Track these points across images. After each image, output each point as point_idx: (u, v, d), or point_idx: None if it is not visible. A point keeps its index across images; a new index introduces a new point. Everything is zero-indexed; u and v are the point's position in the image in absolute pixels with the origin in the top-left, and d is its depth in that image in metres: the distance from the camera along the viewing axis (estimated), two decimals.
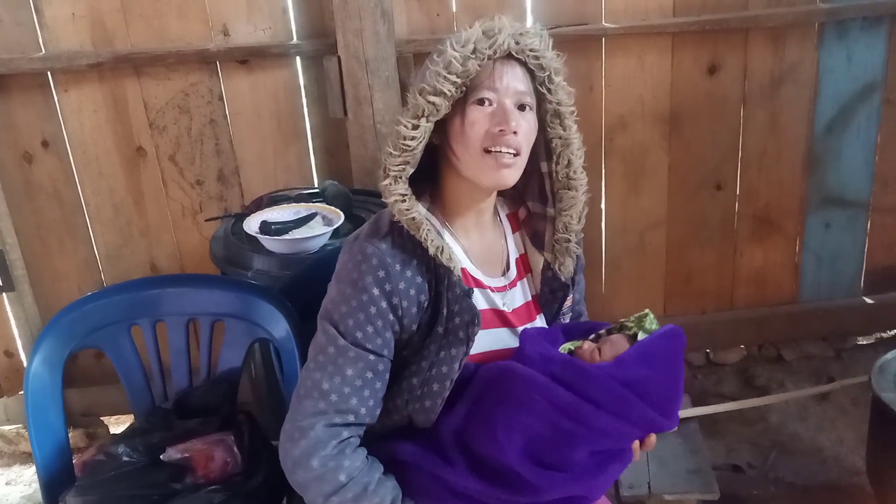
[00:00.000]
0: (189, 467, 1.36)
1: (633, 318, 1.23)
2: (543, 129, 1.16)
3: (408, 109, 1.10)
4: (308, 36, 2.22)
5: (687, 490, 1.94)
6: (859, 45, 2.38)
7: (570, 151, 1.17)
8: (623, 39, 2.30)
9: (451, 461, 1.14)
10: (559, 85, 1.13)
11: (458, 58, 1.07)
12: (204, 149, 2.28)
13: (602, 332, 1.24)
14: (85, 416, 2.46)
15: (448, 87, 1.07)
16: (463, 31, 1.09)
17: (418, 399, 1.14)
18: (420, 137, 1.09)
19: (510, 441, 1.10)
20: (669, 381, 1.16)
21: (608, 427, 1.10)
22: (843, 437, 2.33)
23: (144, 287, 1.55)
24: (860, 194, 2.56)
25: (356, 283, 1.11)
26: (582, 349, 1.19)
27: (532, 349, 1.15)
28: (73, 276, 2.37)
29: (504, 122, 1.09)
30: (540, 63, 1.11)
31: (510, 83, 1.10)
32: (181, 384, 1.55)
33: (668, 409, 1.14)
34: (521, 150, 1.11)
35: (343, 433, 1.12)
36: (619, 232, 2.52)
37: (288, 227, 1.82)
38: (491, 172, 1.11)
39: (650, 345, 1.16)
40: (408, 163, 1.10)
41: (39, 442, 1.44)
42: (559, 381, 1.10)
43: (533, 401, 1.10)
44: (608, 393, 1.10)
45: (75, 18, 2.12)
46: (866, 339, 2.77)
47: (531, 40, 1.10)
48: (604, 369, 1.12)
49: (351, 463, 1.11)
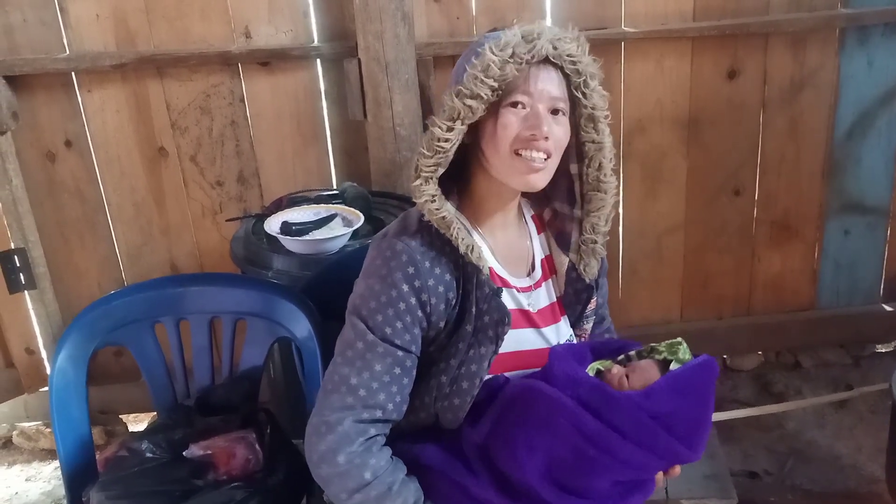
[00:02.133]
0: (211, 464, 1.37)
1: (664, 344, 1.20)
2: (577, 132, 1.16)
3: (443, 111, 1.10)
4: (328, 38, 2.23)
5: (704, 495, 1.93)
6: (880, 51, 2.37)
7: (603, 155, 1.17)
8: (642, 44, 2.30)
9: (476, 472, 1.14)
10: (594, 89, 1.13)
11: (497, 62, 1.06)
12: (224, 150, 2.30)
13: (632, 354, 1.22)
14: (103, 414, 2.48)
15: (485, 91, 1.07)
16: (501, 34, 1.09)
17: (447, 397, 1.14)
18: (454, 140, 1.10)
19: (532, 461, 1.09)
20: (699, 414, 1.13)
21: (632, 458, 1.08)
22: (862, 444, 2.31)
23: (168, 285, 1.56)
24: (880, 201, 2.54)
25: (385, 279, 1.11)
26: (611, 374, 1.17)
27: (560, 369, 1.14)
28: (93, 274, 2.39)
29: (536, 128, 1.09)
30: (577, 68, 1.11)
31: (545, 88, 1.10)
32: (203, 382, 1.56)
33: (694, 443, 1.11)
34: (551, 154, 1.12)
35: (370, 430, 1.12)
36: (637, 236, 2.52)
37: (308, 228, 1.84)
38: (520, 176, 1.12)
39: (683, 376, 1.13)
40: (440, 164, 1.11)
41: (63, 437, 1.45)
42: (585, 405, 1.09)
43: (557, 424, 1.09)
44: (635, 424, 1.08)
45: (99, 19, 2.15)
46: (885, 347, 2.75)
47: (569, 45, 1.10)
48: (632, 399, 1.10)
49: (377, 461, 1.12)
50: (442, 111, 1.11)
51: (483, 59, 1.08)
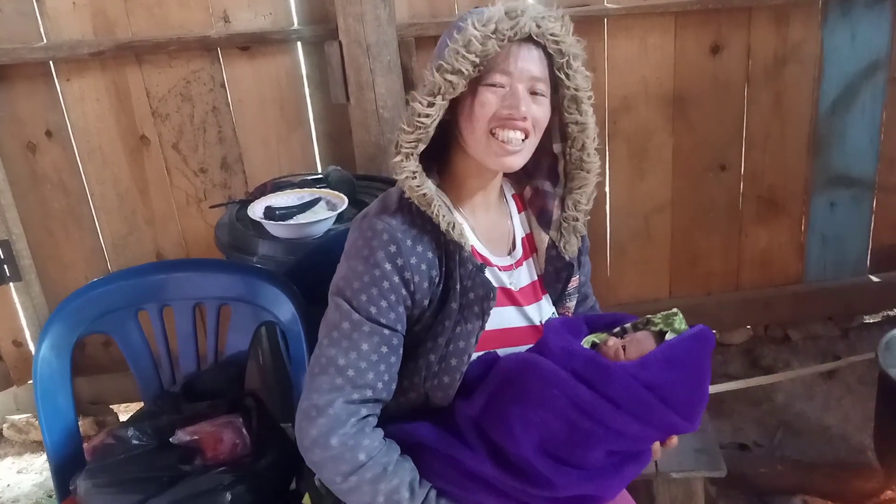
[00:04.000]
0: (198, 449, 1.36)
1: (660, 316, 1.20)
2: (560, 112, 1.16)
3: (424, 86, 1.09)
4: (309, 21, 2.21)
5: (694, 468, 1.94)
6: (863, 24, 2.36)
7: (586, 135, 1.17)
8: (625, 20, 2.28)
9: (471, 446, 1.13)
10: (577, 70, 1.12)
11: (479, 37, 1.06)
12: (207, 136, 2.28)
13: (628, 326, 1.22)
14: (94, 405, 2.48)
15: (466, 66, 1.06)
16: (485, 9, 1.08)
17: (436, 375, 1.14)
18: (434, 115, 1.09)
19: (527, 435, 1.09)
20: (695, 384, 1.12)
21: (627, 429, 1.08)
22: (850, 415, 2.33)
23: (150, 272, 1.56)
24: (865, 174, 2.55)
25: (367, 259, 1.11)
26: (607, 345, 1.17)
27: (555, 342, 1.13)
28: (79, 266, 2.38)
29: (514, 107, 1.08)
30: (560, 48, 1.10)
31: (526, 67, 1.09)
32: (189, 368, 1.55)
33: (690, 413, 1.11)
34: (529, 135, 1.11)
35: (362, 410, 1.12)
36: (624, 216, 2.52)
37: (292, 213, 1.82)
38: (496, 157, 1.11)
39: (678, 347, 1.13)
40: (420, 140, 1.10)
41: (49, 427, 1.45)
42: (580, 378, 1.09)
43: (552, 397, 1.08)
44: (630, 395, 1.07)
45: (76, 7, 2.12)
46: (872, 318, 2.77)
47: (552, 24, 1.09)
48: (628, 369, 1.09)
49: (370, 442, 1.11)
50: (423, 86, 1.10)
51: (465, 33, 1.07)
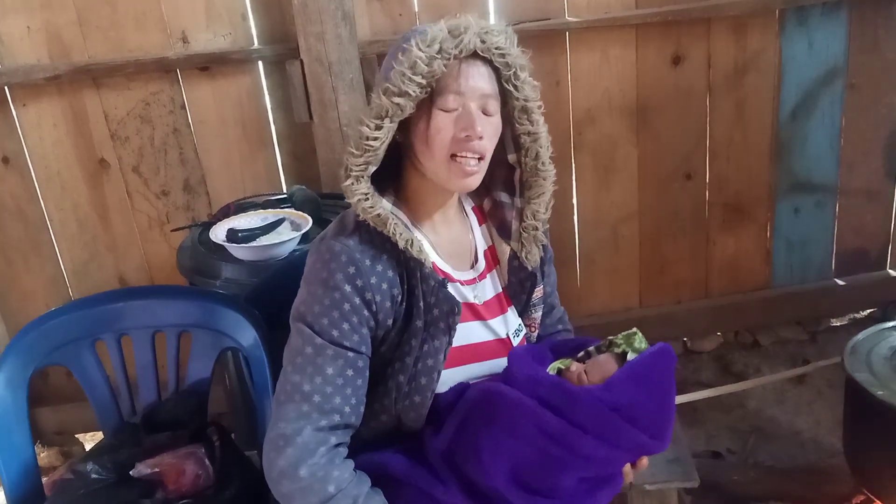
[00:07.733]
0: (160, 482, 1.33)
1: (621, 336, 1.19)
2: (511, 123, 1.16)
3: (371, 109, 1.08)
4: (269, 41, 2.19)
5: (667, 479, 1.93)
6: (820, 32, 2.40)
7: (539, 145, 1.16)
8: (587, 33, 2.30)
9: (442, 479, 1.12)
10: (525, 81, 1.12)
11: (424, 58, 1.05)
12: (168, 158, 2.25)
13: (591, 350, 1.22)
14: (59, 435, 2.42)
15: (413, 88, 1.05)
16: (428, 29, 1.08)
17: (407, 396, 1.13)
18: (383, 138, 1.08)
19: (496, 465, 1.08)
20: (660, 402, 1.12)
21: (596, 453, 1.07)
22: (821, 418, 2.35)
23: (106, 301, 1.52)
24: (827, 179, 2.59)
25: (327, 282, 1.09)
26: (570, 371, 1.17)
27: (520, 370, 1.13)
28: (40, 295, 2.33)
29: (470, 127, 1.08)
30: (506, 61, 1.10)
31: (476, 85, 1.09)
32: (149, 398, 1.52)
33: (658, 431, 1.11)
34: (485, 155, 1.11)
35: (331, 439, 1.10)
36: (592, 226, 2.52)
37: (255, 234, 1.80)
38: (458, 180, 1.11)
39: (639, 365, 1.13)
40: (370, 163, 1.09)
41: (6, 465, 1.41)
42: (546, 404, 1.08)
43: (519, 425, 1.08)
44: (597, 418, 1.07)
45: (31, 32, 2.08)
46: (839, 321, 2.80)
47: (497, 38, 1.09)
48: (592, 393, 1.09)
49: (340, 474, 1.08)
50: (370, 109, 1.09)
51: (410, 55, 1.06)
